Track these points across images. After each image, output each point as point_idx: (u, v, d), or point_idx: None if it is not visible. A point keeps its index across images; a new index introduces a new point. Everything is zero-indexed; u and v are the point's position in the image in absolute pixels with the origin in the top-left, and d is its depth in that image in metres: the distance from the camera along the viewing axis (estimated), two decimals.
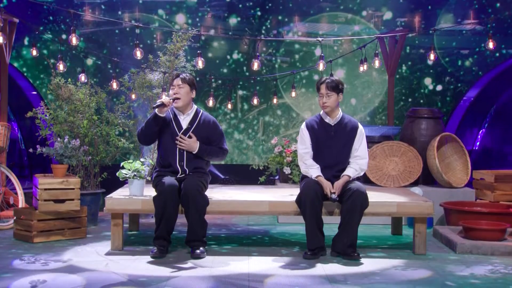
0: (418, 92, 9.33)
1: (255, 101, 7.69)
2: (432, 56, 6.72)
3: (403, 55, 8.79)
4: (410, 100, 9.32)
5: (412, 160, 6.90)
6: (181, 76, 5.21)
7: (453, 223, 6.06)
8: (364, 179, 6.84)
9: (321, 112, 5.27)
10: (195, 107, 5.29)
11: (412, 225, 5.34)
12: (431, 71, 9.25)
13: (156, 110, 5.06)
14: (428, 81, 9.30)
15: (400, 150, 6.93)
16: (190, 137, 5.17)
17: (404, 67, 9.24)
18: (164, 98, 5.10)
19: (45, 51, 8.83)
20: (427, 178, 7.07)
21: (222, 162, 9.26)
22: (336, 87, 5.15)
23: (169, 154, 5.17)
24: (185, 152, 5.16)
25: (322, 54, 6.73)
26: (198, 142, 5.16)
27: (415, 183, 6.91)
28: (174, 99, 5.14)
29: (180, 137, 5.15)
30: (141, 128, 5.17)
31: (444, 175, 6.78)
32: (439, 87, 9.29)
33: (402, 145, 6.95)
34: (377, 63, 7.06)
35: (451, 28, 8.97)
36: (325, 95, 5.14)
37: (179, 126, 5.20)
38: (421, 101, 9.29)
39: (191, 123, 5.22)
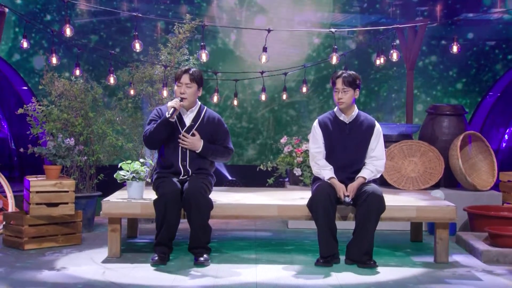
0: (439, 87, 9.32)
1: (263, 97, 7.71)
2: (455, 48, 6.71)
3: (423, 47, 8.78)
4: (430, 95, 9.31)
5: (433, 160, 6.90)
6: (189, 72, 5.17)
7: (477, 229, 6.05)
8: (381, 181, 6.81)
9: (335, 109, 5.29)
10: (199, 103, 5.31)
11: (433, 231, 5.34)
12: (453, 64, 9.24)
13: (171, 118, 5.06)
14: (450, 75, 9.29)
15: (420, 150, 6.93)
16: (193, 135, 5.19)
17: (424, 60, 9.24)
18: (175, 103, 5.08)
19: (32, 41, 8.87)
20: (449, 180, 7.06)
21: (228, 163, 9.30)
22: (353, 82, 5.16)
23: (171, 153, 5.19)
24: (188, 151, 5.18)
25: (335, 47, 6.74)
26: (201, 140, 5.18)
27: (436, 186, 6.91)
28: (181, 100, 5.13)
29: (183, 135, 5.17)
30: (149, 133, 5.12)
31: (468, 177, 6.78)
32: (462, 82, 9.27)
33: (422, 145, 6.95)
34: (395, 56, 7.06)
35: (476, 18, 8.96)
36: (341, 90, 5.15)
37: (182, 123, 5.22)
38: (443, 96, 9.28)
39: (195, 120, 5.24)
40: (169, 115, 5.03)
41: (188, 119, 5.25)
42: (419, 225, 6.10)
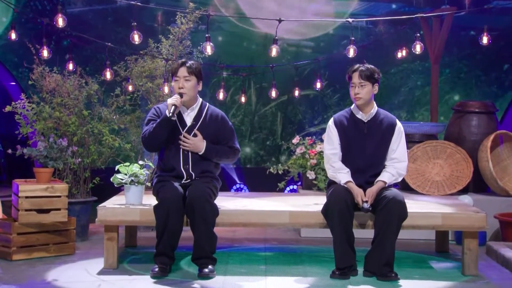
0: (467, 82, 9.31)
1: (273, 94, 7.72)
2: (485, 39, 6.70)
3: (449, 38, 8.76)
4: (458, 91, 9.30)
5: (460, 163, 6.89)
6: (186, 65, 5.18)
7: (510, 238, 6.04)
8: (403, 185, 6.84)
9: (352, 106, 5.29)
10: (200, 100, 5.32)
11: (461, 241, 5.34)
12: (483, 57, 9.22)
13: (172, 117, 5.07)
14: (480, 69, 9.27)
15: (445, 152, 6.93)
16: (195, 135, 5.21)
17: (451, 53, 9.22)
18: (176, 99, 5.09)
19: (21, 32, 8.91)
20: (478, 185, 7.05)
21: (234, 165, 9.32)
22: (371, 76, 5.16)
23: (171, 156, 5.21)
24: (190, 153, 5.20)
25: (353, 38, 6.75)
26: (204, 141, 5.20)
27: (464, 191, 6.90)
28: (181, 96, 5.14)
29: (184, 136, 5.19)
30: (148, 134, 5.12)
31: (499, 181, 6.77)
32: (493, 76, 9.25)
33: (448, 146, 6.94)
34: (418, 48, 7.06)
35: (509, 5, 8.93)
36: (357, 85, 5.16)
37: (183, 123, 5.23)
38: (471, 92, 9.26)
39: (196, 119, 5.25)
40: (170, 113, 5.04)
41: (189, 118, 5.26)
42: (445, 234, 6.10)
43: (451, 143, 6.97)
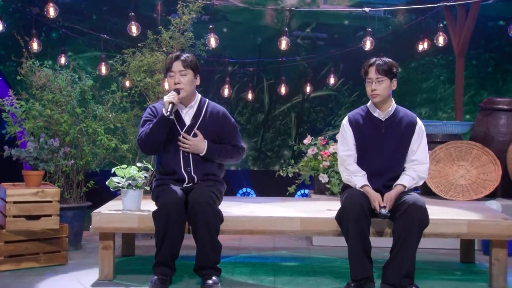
0: (495, 77, 9.29)
1: (282, 90, 7.74)
2: None
3: (476, 28, 8.76)
4: (485, 87, 9.28)
5: (487, 165, 6.88)
6: (181, 58, 5.18)
7: None
8: (424, 189, 6.84)
9: (369, 104, 5.30)
10: (199, 96, 5.33)
11: (488, 250, 5.33)
12: None
13: (170, 115, 5.08)
14: (509, 62, 9.25)
15: (471, 153, 6.92)
16: (195, 135, 5.22)
17: (477, 45, 9.21)
18: (173, 97, 5.09)
19: (8, 23, 8.96)
20: (507, 189, 7.04)
21: (239, 167, 9.34)
22: (389, 71, 5.16)
23: (171, 158, 5.22)
24: (190, 154, 5.21)
25: (369, 29, 6.76)
26: (205, 141, 5.21)
27: (491, 196, 6.89)
28: (178, 92, 5.15)
29: (183, 137, 5.20)
30: (145, 135, 5.13)
31: None
32: None
33: (474, 146, 6.94)
34: (441, 40, 7.06)
35: None
36: (374, 81, 5.16)
37: (181, 123, 5.24)
38: (500, 89, 9.24)
39: (195, 117, 5.26)
40: (167, 112, 5.05)
41: (187, 116, 5.26)
42: (471, 243, 6.09)
43: (478, 144, 6.96)
